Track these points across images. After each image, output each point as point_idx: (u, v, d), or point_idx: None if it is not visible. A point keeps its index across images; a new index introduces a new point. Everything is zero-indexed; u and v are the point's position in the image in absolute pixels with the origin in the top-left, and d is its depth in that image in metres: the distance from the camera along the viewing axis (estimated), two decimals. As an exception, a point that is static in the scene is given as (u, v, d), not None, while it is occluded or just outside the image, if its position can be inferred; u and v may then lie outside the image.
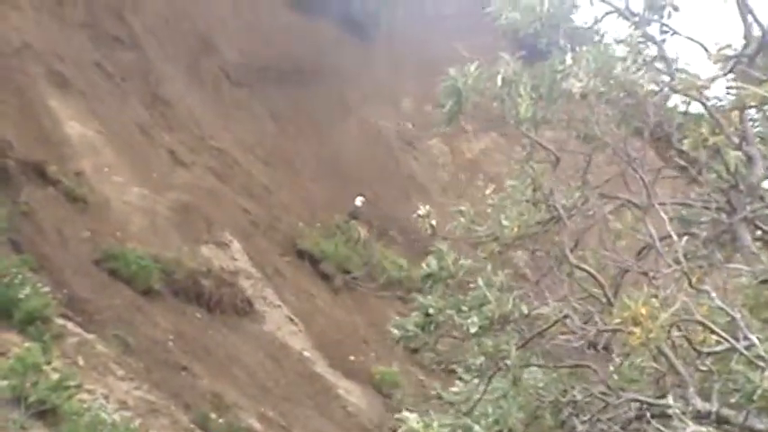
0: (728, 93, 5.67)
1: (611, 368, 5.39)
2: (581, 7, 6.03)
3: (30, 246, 15.95)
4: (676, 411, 4.64)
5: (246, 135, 26.10)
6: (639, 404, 5.14)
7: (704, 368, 4.98)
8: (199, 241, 20.53)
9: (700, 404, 4.76)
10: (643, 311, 4.53)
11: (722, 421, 4.78)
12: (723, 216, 5.76)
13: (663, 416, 4.87)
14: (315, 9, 29.34)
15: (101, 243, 17.79)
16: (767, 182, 5.73)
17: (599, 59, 5.29)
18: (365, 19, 31.16)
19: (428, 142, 31.59)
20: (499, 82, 5.47)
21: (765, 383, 4.46)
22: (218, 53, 26.87)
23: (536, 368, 5.66)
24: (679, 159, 5.90)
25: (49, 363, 12.15)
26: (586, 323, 5.37)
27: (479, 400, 5.59)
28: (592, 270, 5.52)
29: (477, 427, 5.24)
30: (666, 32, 5.84)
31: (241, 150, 25.27)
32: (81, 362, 13.73)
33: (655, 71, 5.66)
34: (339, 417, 19.13)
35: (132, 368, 14.76)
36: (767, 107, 5.75)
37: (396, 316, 6.51)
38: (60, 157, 18.77)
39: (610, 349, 5.43)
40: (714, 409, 4.76)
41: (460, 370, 5.83)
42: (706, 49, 5.61)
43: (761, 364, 4.57)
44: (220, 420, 15.46)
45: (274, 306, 20.88)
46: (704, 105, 5.58)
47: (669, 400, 4.77)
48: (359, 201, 26.09)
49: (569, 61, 5.37)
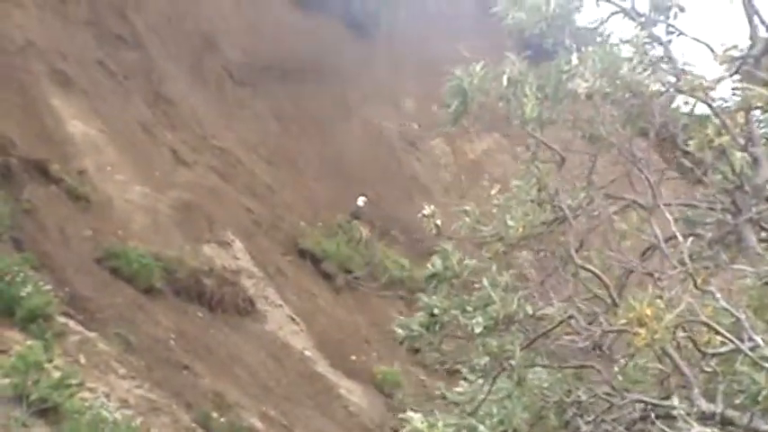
0: (734, 94, 5.67)
1: (615, 369, 5.39)
2: (587, 7, 6.04)
3: (32, 244, 15.95)
4: (681, 412, 4.64)
5: (249, 134, 26.10)
6: (644, 405, 5.14)
7: (709, 369, 4.98)
8: (201, 240, 20.52)
9: (704, 405, 4.76)
10: (648, 312, 4.53)
11: (727, 422, 4.77)
12: (728, 217, 5.76)
13: (667, 417, 4.87)
14: (318, 8, 29.37)
15: (103, 241, 17.80)
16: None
17: (605, 60, 5.29)
18: (366, 19, 31.21)
19: (430, 142, 31.59)
20: (505, 82, 5.47)
21: (770, 385, 4.46)
22: (220, 52, 26.85)
23: (540, 368, 5.66)
24: (684, 160, 5.90)
25: (51, 361, 12.13)
26: (591, 324, 5.37)
27: (484, 401, 5.59)
28: (597, 270, 5.52)
29: (481, 427, 5.24)
30: (672, 33, 5.85)
31: (244, 149, 25.26)
32: (82, 360, 13.73)
33: (660, 72, 5.66)
34: (340, 416, 19.12)
35: (134, 367, 14.74)
36: (773, 108, 5.74)
37: (397, 316, 6.51)
38: (63, 156, 18.78)
39: (611, 351, 5.43)
40: (719, 411, 4.75)
41: (465, 370, 5.82)
42: (712, 50, 5.62)
43: (766, 366, 4.58)
44: (222, 419, 15.43)
45: (276, 305, 20.87)
46: (710, 106, 5.57)
47: (674, 401, 4.77)
48: (361, 201, 26.09)
49: (575, 61, 5.38)
